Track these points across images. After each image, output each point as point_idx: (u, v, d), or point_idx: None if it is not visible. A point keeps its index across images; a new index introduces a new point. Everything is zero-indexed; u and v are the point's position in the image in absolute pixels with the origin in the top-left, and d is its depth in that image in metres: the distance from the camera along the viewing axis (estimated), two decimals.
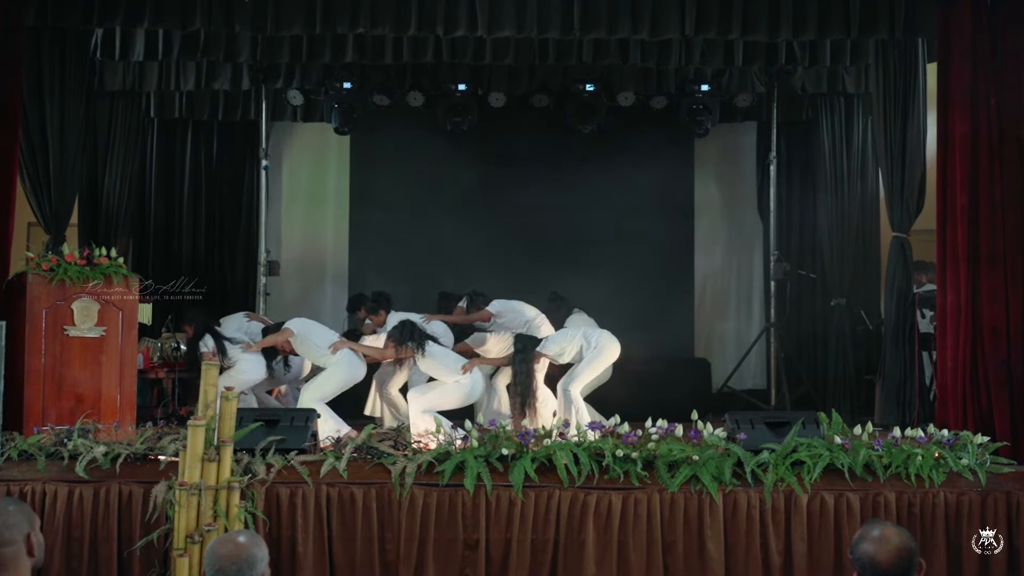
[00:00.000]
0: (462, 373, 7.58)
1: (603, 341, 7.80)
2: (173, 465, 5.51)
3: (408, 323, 7.74)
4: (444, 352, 7.78)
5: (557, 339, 7.89)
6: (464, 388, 7.59)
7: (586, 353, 7.78)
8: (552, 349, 7.78)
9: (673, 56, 8.80)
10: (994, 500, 5.63)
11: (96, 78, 9.36)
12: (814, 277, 10.43)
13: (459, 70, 9.94)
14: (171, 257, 10.77)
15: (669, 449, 5.64)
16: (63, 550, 5.49)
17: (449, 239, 10.62)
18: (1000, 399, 6.65)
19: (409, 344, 7.57)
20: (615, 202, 10.81)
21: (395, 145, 10.97)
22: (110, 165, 10.02)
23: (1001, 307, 6.75)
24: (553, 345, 7.81)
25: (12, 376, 6.40)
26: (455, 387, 7.58)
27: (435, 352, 7.65)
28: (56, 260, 6.64)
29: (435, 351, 7.66)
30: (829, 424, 5.98)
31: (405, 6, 7.39)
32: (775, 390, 10.13)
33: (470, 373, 7.61)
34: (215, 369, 5.53)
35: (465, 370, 7.59)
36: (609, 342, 7.83)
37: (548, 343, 7.83)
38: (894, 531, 3.07)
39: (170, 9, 7.34)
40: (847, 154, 10.21)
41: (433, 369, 7.67)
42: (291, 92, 10.33)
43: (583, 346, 7.79)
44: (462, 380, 7.58)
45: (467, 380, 7.59)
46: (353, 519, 5.56)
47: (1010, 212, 6.83)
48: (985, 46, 6.94)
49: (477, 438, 5.76)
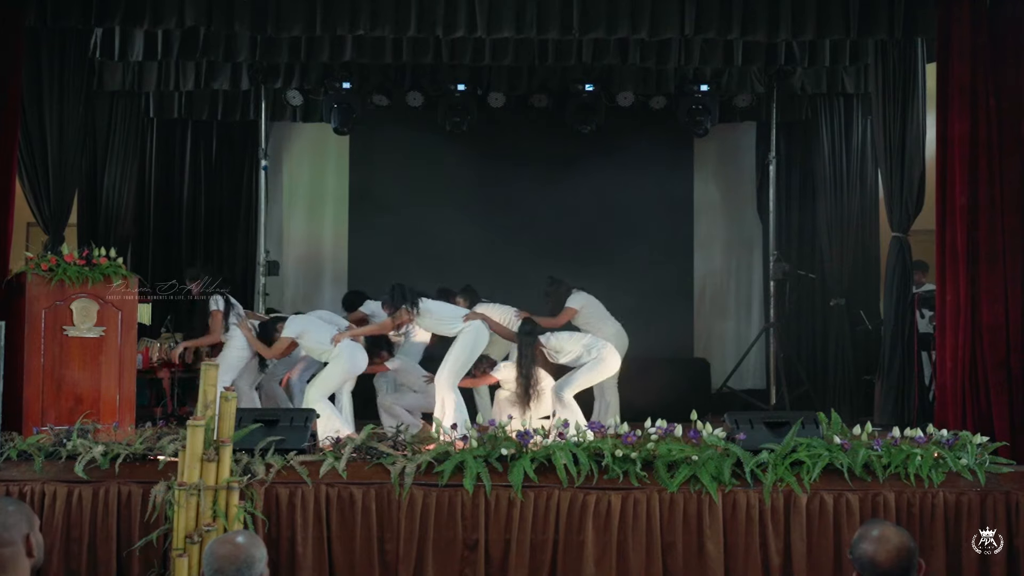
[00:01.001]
0: (462, 321, 7.59)
1: (604, 353, 7.67)
2: (172, 465, 5.51)
3: (397, 285, 7.68)
4: (440, 304, 7.80)
5: (562, 336, 7.79)
6: (469, 336, 7.55)
7: (585, 359, 7.69)
8: (552, 343, 7.70)
9: (672, 56, 8.80)
10: (993, 500, 5.63)
11: (95, 78, 9.36)
12: (814, 277, 10.42)
13: (459, 70, 9.93)
14: (171, 257, 10.77)
15: (668, 449, 5.64)
16: (62, 550, 5.49)
17: (449, 239, 10.61)
18: (999, 399, 6.64)
19: (404, 306, 7.54)
20: (615, 202, 10.80)
21: (395, 145, 10.97)
22: (110, 165, 10.03)
23: (1001, 307, 6.75)
24: (555, 340, 7.72)
25: (11, 376, 6.41)
26: (461, 341, 7.53)
27: (431, 307, 7.66)
28: (55, 260, 6.64)
29: (431, 306, 7.67)
30: (828, 424, 5.98)
31: (405, 7, 7.38)
32: (775, 390, 10.13)
33: (472, 322, 7.61)
34: (215, 369, 5.53)
35: (467, 320, 7.60)
36: (611, 355, 7.71)
37: (551, 336, 7.76)
38: (894, 531, 3.07)
39: (169, 9, 7.34)
40: (847, 154, 10.21)
41: (433, 323, 7.68)
42: (291, 92, 10.33)
43: (582, 355, 7.68)
44: (465, 328, 7.56)
45: (470, 328, 7.58)
46: (352, 519, 5.56)
47: (1010, 212, 6.83)
48: (985, 46, 6.94)
49: (476, 438, 5.76)
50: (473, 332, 7.59)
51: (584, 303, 8.56)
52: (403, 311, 7.57)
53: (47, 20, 7.36)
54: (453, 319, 7.65)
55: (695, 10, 7.38)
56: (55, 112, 7.96)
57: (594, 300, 8.63)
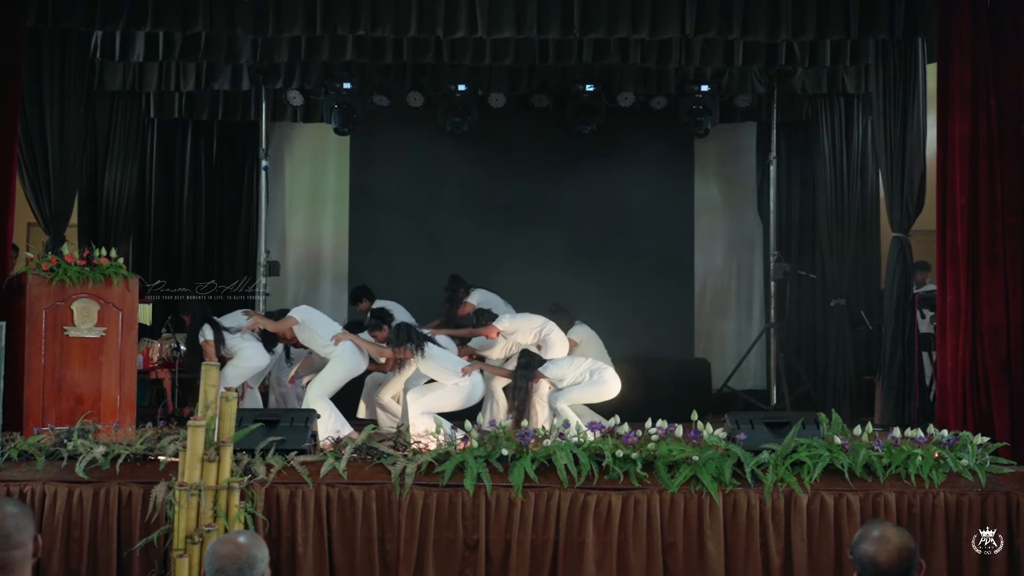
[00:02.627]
0: (461, 376, 7.55)
1: (606, 376, 7.64)
2: (173, 465, 5.52)
3: (405, 325, 7.72)
4: (443, 354, 7.75)
5: (562, 364, 7.74)
6: (463, 391, 7.54)
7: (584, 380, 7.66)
8: (553, 372, 7.63)
9: (673, 56, 8.79)
10: (994, 500, 5.64)
11: (96, 79, 9.36)
12: (814, 277, 10.42)
13: (459, 70, 9.93)
14: (171, 257, 10.78)
15: (669, 449, 5.65)
16: (63, 550, 5.50)
17: (449, 239, 10.62)
18: (1000, 399, 6.64)
19: (408, 346, 7.55)
20: (615, 202, 10.81)
21: (395, 145, 10.97)
22: (110, 165, 10.03)
23: (1001, 307, 6.75)
24: (555, 369, 7.66)
25: (12, 376, 6.39)
26: (454, 389, 7.52)
27: (435, 354, 7.63)
28: (56, 260, 6.64)
29: (435, 353, 7.63)
30: (829, 424, 5.98)
31: (405, 7, 7.38)
32: (775, 390, 10.13)
33: (469, 376, 7.58)
34: (215, 369, 5.53)
35: (465, 373, 7.57)
36: (612, 379, 7.67)
37: (551, 366, 7.68)
38: (895, 531, 3.07)
39: (171, 11, 7.34)
40: (847, 154, 10.21)
41: (432, 371, 7.63)
42: (291, 92, 10.33)
43: (584, 379, 7.62)
44: (461, 383, 7.53)
45: (466, 383, 7.55)
46: (353, 519, 5.56)
47: (1010, 212, 6.82)
48: (985, 46, 6.94)
49: (477, 438, 5.76)
50: (469, 387, 7.57)
51: (585, 337, 8.67)
52: (406, 350, 7.57)
53: (48, 21, 7.36)
54: (452, 372, 7.58)
55: (696, 10, 7.38)
56: (56, 112, 7.96)
57: (594, 335, 8.70)
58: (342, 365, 7.58)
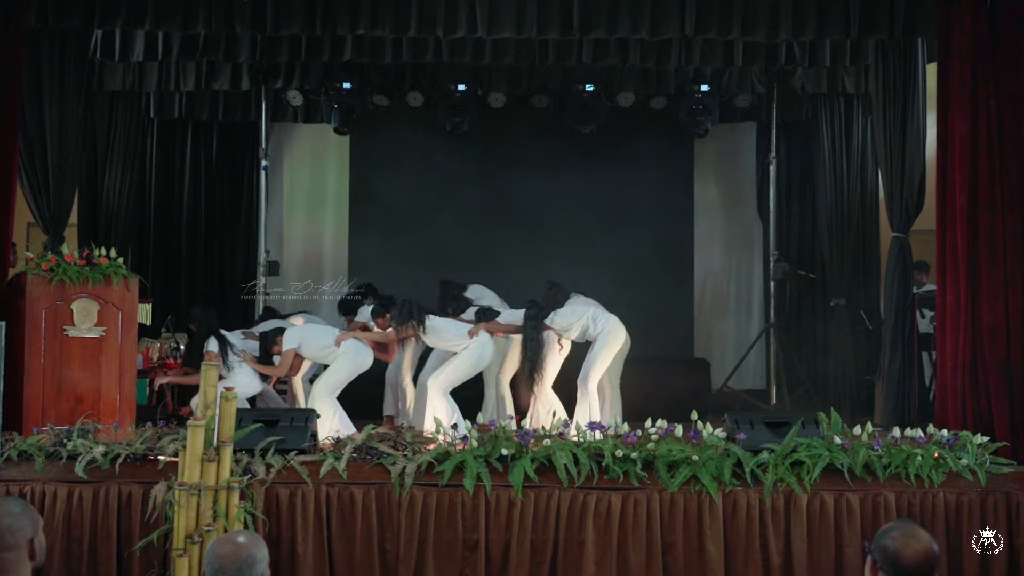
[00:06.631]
0: (468, 338, 7.61)
1: (609, 325, 7.88)
2: (172, 465, 5.51)
3: (406, 301, 7.74)
4: (446, 322, 7.82)
5: (565, 314, 7.95)
6: (474, 354, 7.61)
7: (592, 335, 7.87)
8: (558, 322, 7.87)
9: (673, 56, 8.80)
10: (994, 500, 5.64)
11: (96, 78, 9.35)
12: (814, 277, 10.43)
13: (459, 70, 9.93)
14: (171, 257, 10.78)
15: (669, 449, 5.64)
16: (63, 550, 5.49)
17: (449, 239, 10.62)
18: (1000, 399, 6.64)
19: (411, 322, 7.58)
20: (614, 202, 10.82)
21: (395, 145, 10.98)
22: (110, 165, 10.03)
23: (1001, 307, 6.74)
24: (560, 319, 7.89)
25: (12, 376, 6.40)
26: (466, 355, 7.59)
27: (437, 325, 7.69)
28: (55, 260, 6.64)
29: (437, 324, 7.70)
30: (829, 424, 5.97)
31: (405, 7, 7.38)
32: (775, 390, 10.14)
33: (477, 336, 7.63)
34: (215, 369, 5.53)
35: (471, 335, 7.62)
36: (616, 326, 7.91)
37: (556, 316, 7.90)
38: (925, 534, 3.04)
39: (171, 10, 7.34)
40: (847, 154, 10.21)
41: (439, 341, 7.72)
42: (291, 92, 10.34)
43: (589, 326, 7.86)
44: (471, 345, 7.60)
45: (475, 344, 7.62)
46: (353, 519, 5.56)
47: (1010, 212, 6.82)
48: (985, 46, 6.94)
49: (477, 438, 5.76)
50: (479, 348, 7.65)
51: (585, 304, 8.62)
52: (409, 327, 7.61)
53: (48, 21, 7.36)
54: (458, 336, 7.69)
55: (695, 10, 7.38)
56: (55, 112, 7.96)
57: (592, 302, 8.67)
58: (347, 363, 7.59)
